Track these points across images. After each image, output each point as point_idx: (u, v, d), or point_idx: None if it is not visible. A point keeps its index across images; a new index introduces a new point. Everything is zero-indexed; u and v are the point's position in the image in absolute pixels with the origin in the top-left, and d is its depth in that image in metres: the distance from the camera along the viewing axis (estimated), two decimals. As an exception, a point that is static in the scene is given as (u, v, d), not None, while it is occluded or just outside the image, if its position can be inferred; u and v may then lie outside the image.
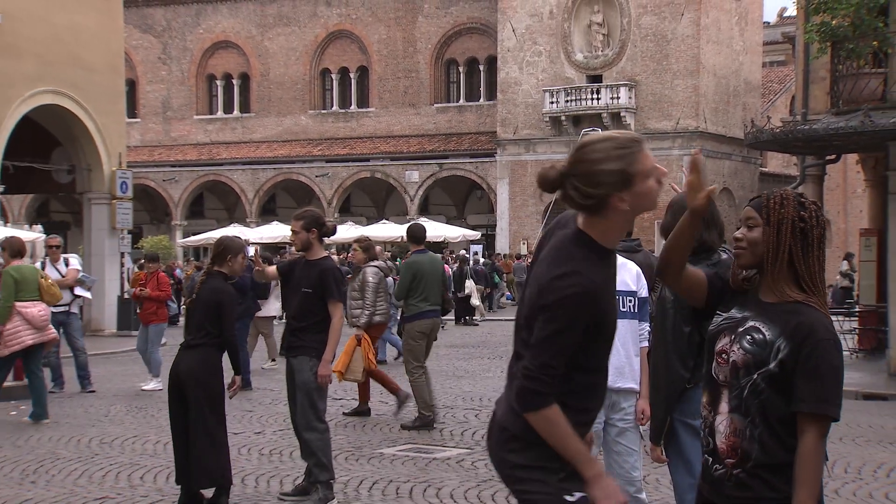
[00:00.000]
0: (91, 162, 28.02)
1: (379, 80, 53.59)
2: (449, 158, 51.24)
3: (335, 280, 8.55)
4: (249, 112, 56.11)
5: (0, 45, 24.71)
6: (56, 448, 10.95)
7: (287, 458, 10.02)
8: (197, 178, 55.23)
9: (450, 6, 52.08)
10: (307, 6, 54.40)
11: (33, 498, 8.66)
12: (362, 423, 12.38)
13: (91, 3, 27.49)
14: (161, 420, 12.75)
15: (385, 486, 9.02)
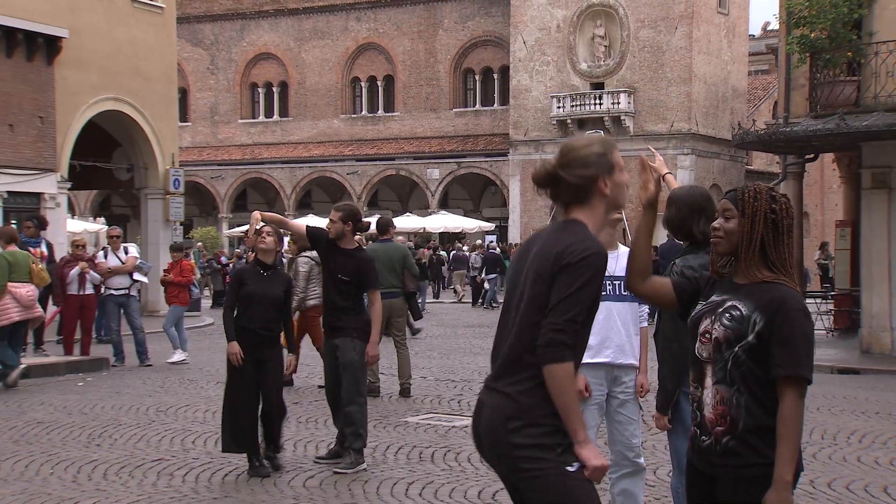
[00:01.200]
0: (147, 161, 28.14)
1: (403, 87, 53.58)
2: (466, 157, 51.23)
3: (371, 271, 8.63)
4: (288, 116, 56.16)
5: (68, 58, 24.83)
6: (118, 416, 11.02)
7: (322, 426, 10.06)
8: (241, 175, 55.38)
9: (467, 21, 52.01)
10: (339, 21, 54.40)
11: (98, 459, 8.72)
12: (389, 395, 12.42)
13: (148, 19, 27.57)
14: (209, 391, 12.86)
15: (409, 451, 9.06)
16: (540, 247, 3.71)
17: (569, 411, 3.51)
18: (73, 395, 12.67)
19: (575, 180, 3.68)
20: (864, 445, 9.47)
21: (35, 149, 24.40)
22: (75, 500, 7.33)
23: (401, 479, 7.97)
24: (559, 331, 3.49)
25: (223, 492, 7.63)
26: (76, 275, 15.43)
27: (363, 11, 53.88)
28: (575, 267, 3.53)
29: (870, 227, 17.92)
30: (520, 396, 3.56)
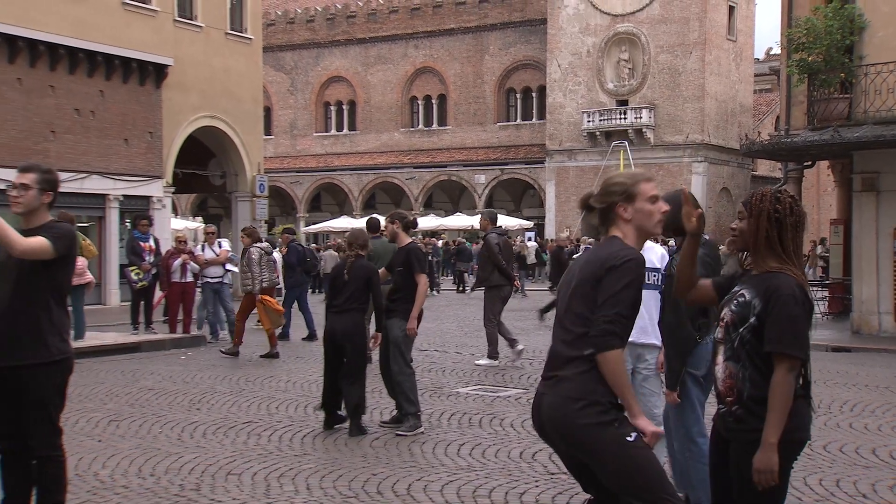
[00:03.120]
0: (237, 169, 28.39)
1: (454, 104, 53.56)
2: (508, 165, 51.15)
3: (417, 258, 8.74)
4: (355, 130, 56.36)
5: (173, 83, 25.12)
6: (214, 384, 11.14)
7: (385, 396, 10.08)
8: (315, 180, 55.68)
9: (509, 47, 51.87)
10: (400, 49, 54.47)
11: (198, 421, 8.83)
12: (441, 369, 12.44)
13: (239, 50, 27.80)
14: (289, 364, 12.97)
15: (460, 418, 9.08)
16: (586, 259, 3.83)
17: (623, 389, 3.59)
18: (176, 366, 12.84)
19: (597, 205, 3.83)
20: (855, 414, 9.38)
21: (145, 159, 24.73)
22: (179, 455, 7.43)
23: (453, 441, 8.01)
24: (609, 322, 3.57)
25: (302, 450, 7.69)
26: (179, 265, 15.60)
27: (420, 40, 53.92)
28: (619, 269, 3.62)
29: (860, 224, 17.90)
30: (578, 380, 3.61)
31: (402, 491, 6.42)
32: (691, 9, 45.55)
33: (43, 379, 4.90)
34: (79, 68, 22.92)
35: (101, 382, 10.80)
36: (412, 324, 8.62)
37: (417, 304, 8.65)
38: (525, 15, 51.25)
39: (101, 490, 6.41)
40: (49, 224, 4.97)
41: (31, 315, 4.86)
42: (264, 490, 6.42)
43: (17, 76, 21.66)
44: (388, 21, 54.61)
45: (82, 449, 7.55)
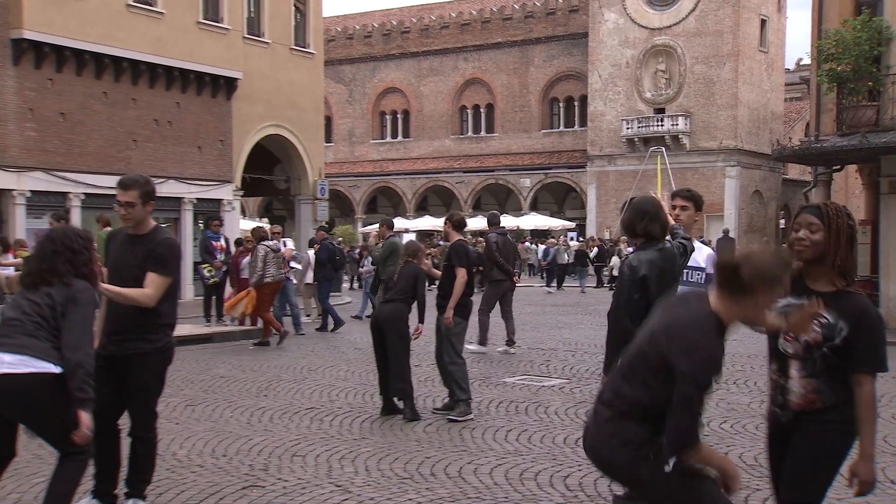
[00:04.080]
0: (300, 174, 28.58)
1: (501, 113, 53.46)
2: (552, 169, 50.91)
3: (457, 253, 8.83)
4: (409, 137, 56.49)
5: (242, 95, 25.37)
6: (279, 373, 11.25)
7: (437, 384, 10.12)
8: (372, 184, 55.90)
9: (553, 59, 51.66)
10: (450, 61, 54.50)
11: (265, 406, 8.93)
12: (490, 360, 12.46)
13: (302, 64, 28.00)
14: (349, 355, 13.05)
15: (507, 405, 9.09)
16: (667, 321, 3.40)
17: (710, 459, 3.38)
18: (245, 356, 12.99)
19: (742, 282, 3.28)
20: (883, 404, 9.21)
21: (216, 165, 25.01)
22: (249, 437, 7.51)
23: (501, 427, 8.02)
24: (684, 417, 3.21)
25: (361, 434, 7.75)
26: (247, 263, 15.76)
27: (469, 53, 53.90)
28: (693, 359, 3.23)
29: (887, 224, 17.70)
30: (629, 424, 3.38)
31: (453, 473, 6.44)
32: (725, 22, 45.04)
33: (146, 365, 5.14)
34: (158, 82, 23.24)
35: (178, 370, 10.91)
36: (448, 314, 8.67)
37: (455, 295, 8.68)
38: (568, 29, 51.03)
39: (179, 468, 6.52)
40: (154, 232, 5.26)
41: (141, 311, 5.11)
42: (326, 471, 6.48)
43: (104, 90, 22.02)
44: (440, 36, 54.68)
45: (162, 431, 7.57)
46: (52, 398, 4.32)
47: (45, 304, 4.42)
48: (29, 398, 4.29)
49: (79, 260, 4.55)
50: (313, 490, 5.96)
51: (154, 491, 5.70)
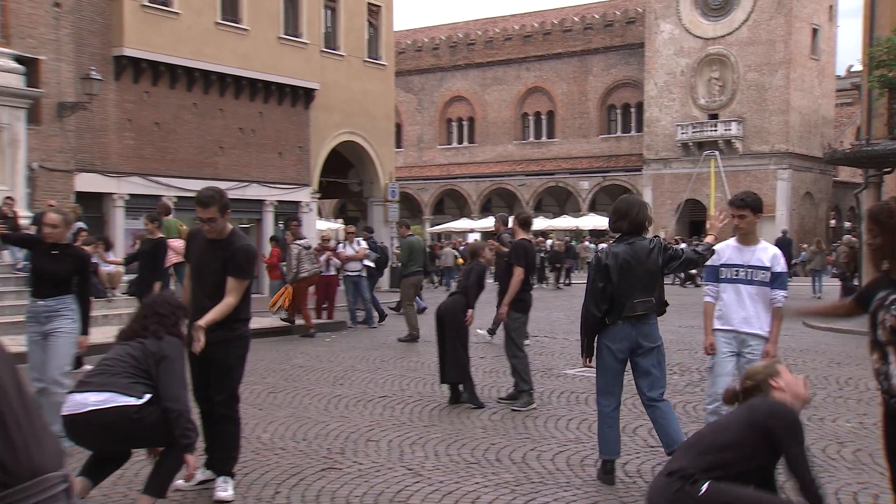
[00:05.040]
0: (372, 177, 28.81)
1: (561, 119, 53.16)
2: (609, 172, 50.49)
3: (516, 252, 8.73)
4: (474, 143, 56.47)
5: (319, 104, 25.68)
6: (354, 363, 11.32)
7: (501, 375, 10.14)
8: (439, 187, 56.02)
9: (611, 68, 51.19)
10: (513, 71, 54.36)
11: (341, 394, 9.00)
12: (551, 352, 12.39)
13: (375, 75, 28.21)
14: (419, 347, 13.08)
15: (568, 396, 9.04)
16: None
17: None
18: (322, 347, 13.09)
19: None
20: None
21: (296, 169, 25.35)
22: (326, 423, 7.58)
23: (562, 417, 7.98)
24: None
25: (431, 421, 7.78)
26: (324, 260, 15.90)
27: (531, 63, 53.69)
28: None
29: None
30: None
31: (517, 459, 6.44)
32: (777, 32, 44.16)
33: (228, 351, 5.34)
34: (243, 94, 23.63)
35: (261, 360, 11.09)
36: (503, 309, 8.62)
37: (510, 292, 8.60)
38: (625, 40, 50.54)
39: (263, 451, 6.62)
40: (231, 237, 5.45)
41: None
42: (398, 455, 6.52)
43: (194, 101, 22.48)
44: (504, 47, 54.57)
45: (246, 416, 7.76)
46: (136, 426, 4.50)
47: (136, 349, 4.67)
48: (114, 430, 4.50)
49: (167, 322, 4.79)
50: (386, 473, 6.01)
51: (241, 471, 5.82)
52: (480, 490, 5.61)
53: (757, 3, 44.66)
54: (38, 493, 1.62)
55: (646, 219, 5.74)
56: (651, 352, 5.72)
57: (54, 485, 1.67)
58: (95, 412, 4.42)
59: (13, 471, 1.61)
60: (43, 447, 1.67)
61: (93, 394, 4.48)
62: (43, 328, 6.53)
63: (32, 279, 6.67)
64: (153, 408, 4.50)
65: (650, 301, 5.64)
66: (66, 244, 6.69)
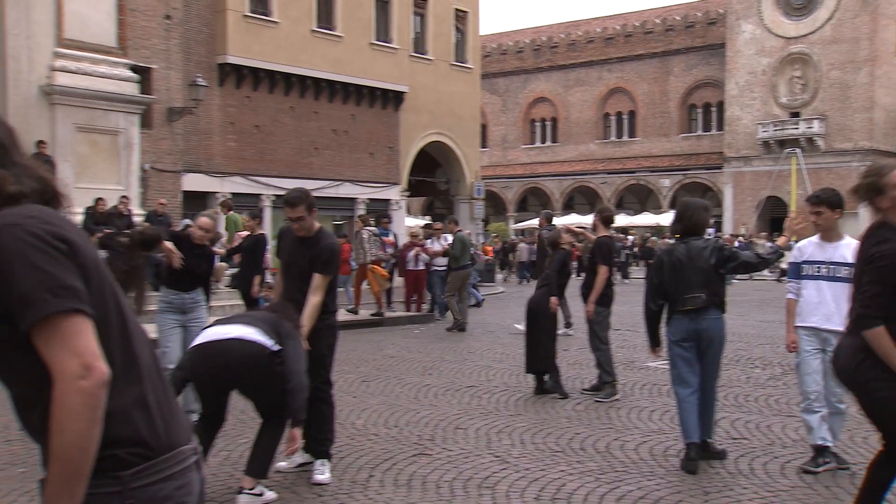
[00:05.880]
0: (459, 176, 28.87)
1: (643, 119, 52.35)
2: (690, 170, 49.53)
3: (600, 250, 8.62)
4: (557, 142, 56.09)
5: (408, 106, 25.86)
6: (442, 354, 11.36)
7: (585, 367, 10.04)
8: (522, 185, 55.83)
9: (692, 69, 50.17)
10: (595, 72, 53.77)
11: (430, 384, 9.04)
12: (633, 345, 12.21)
13: (461, 78, 28.26)
14: (504, 339, 13.04)
15: (650, 388, 8.89)
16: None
17: (887, 359, 3.51)
18: (412, 339, 13.18)
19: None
20: None
21: (386, 169, 25.59)
22: (416, 411, 7.63)
23: (645, 408, 7.86)
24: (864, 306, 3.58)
25: (517, 410, 7.75)
26: (413, 256, 16.02)
27: (613, 64, 53.03)
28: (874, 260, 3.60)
29: None
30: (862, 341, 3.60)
31: (601, 448, 6.37)
32: (862, 30, 42.56)
33: (319, 339, 5.44)
34: (336, 97, 23.97)
35: (353, 350, 11.23)
36: (589, 307, 8.51)
37: (595, 291, 8.50)
38: (706, 40, 49.46)
39: (357, 436, 6.71)
40: (319, 235, 5.56)
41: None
42: (486, 443, 6.52)
43: (290, 105, 22.91)
44: (586, 49, 54.02)
45: (341, 403, 7.88)
46: (268, 369, 4.66)
47: (272, 317, 4.92)
48: (251, 363, 4.65)
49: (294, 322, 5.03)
50: (475, 459, 6.01)
51: (336, 455, 5.90)
52: (566, 477, 5.57)
53: (841, 2, 43.16)
54: (173, 465, 1.69)
55: (700, 221, 5.88)
56: (708, 345, 5.81)
57: (187, 457, 1.74)
58: (237, 341, 4.61)
59: (153, 445, 1.67)
60: (177, 422, 1.74)
61: (238, 326, 4.70)
62: (185, 318, 6.96)
63: (175, 274, 6.91)
64: (279, 362, 4.66)
65: (700, 297, 5.73)
66: (204, 245, 7.05)
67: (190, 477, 1.74)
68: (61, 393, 1.53)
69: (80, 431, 1.53)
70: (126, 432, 1.62)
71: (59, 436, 1.53)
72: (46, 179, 1.72)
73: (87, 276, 1.61)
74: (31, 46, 14.73)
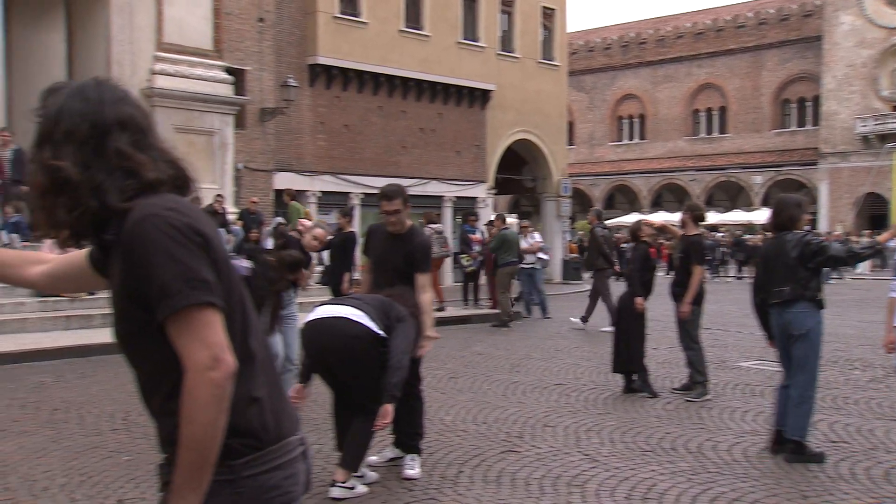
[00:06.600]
0: (545, 174, 28.69)
1: (734, 115, 51.02)
2: (783, 167, 48.06)
3: (695, 250, 8.38)
4: (645, 139, 55.17)
5: (495, 104, 25.83)
6: (529, 352, 11.33)
7: (674, 366, 9.86)
8: (609, 183, 55.10)
9: (786, 63, 48.63)
10: (685, 68, 52.67)
11: (518, 381, 8.99)
12: (724, 345, 11.93)
13: (548, 75, 28.07)
14: (592, 337, 12.92)
15: (742, 388, 8.69)
16: None
17: None
18: (499, 336, 13.19)
19: None
20: None
21: (473, 167, 25.62)
22: (504, 408, 7.60)
23: (737, 408, 7.67)
24: None
25: (605, 409, 7.67)
26: (500, 253, 15.99)
27: (703, 60, 51.85)
28: None
29: None
30: None
31: (693, 448, 6.24)
32: (969, 17, 40.54)
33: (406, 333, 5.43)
34: (423, 96, 24.12)
35: (442, 347, 11.27)
36: (684, 308, 8.30)
37: (690, 292, 8.28)
38: (802, 33, 47.87)
39: (446, 432, 6.74)
40: (412, 232, 5.67)
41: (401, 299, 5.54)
42: (575, 441, 6.47)
43: (379, 104, 23.17)
44: (675, 45, 52.99)
45: (430, 399, 7.91)
46: (369, 352, 4.82)
47: (388, 301, 5.08)
48: (352, 344, 4.81)
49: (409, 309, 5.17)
50: (563, 457, 5.97)
51: (426, 451, 5.94)
52: (657, 477, 5.47)
53: (947, -11, 41.18)
54: (282, 456, 1.73)
55: (793, 217, 5.96)
56: (797, 339, 5.81)
57: (294, 447, 1.77)
58: (344, 320, 4.83)
59: (263, 436, 1.71)
60: (286, 414, 1.78)
61: (348, 307, 4.92)
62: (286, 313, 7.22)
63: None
64: (380, 346, 4.83)
65: (784, 290, 5.79)
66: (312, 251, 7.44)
67: (297, 467, 1.78)
68: (191, 383, 1.59)
69: (209, 421, 1.58)
70: (239, 423, 1.67)
71: (188, 425, 1.59)
72: (180, 164, 1.78)
73: (217, 269, 1.66)
74: (133, 51, 15.29)
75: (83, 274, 1.96)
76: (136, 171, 1.68)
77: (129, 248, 1.62)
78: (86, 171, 1.66)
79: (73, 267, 1.99)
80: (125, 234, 1.63)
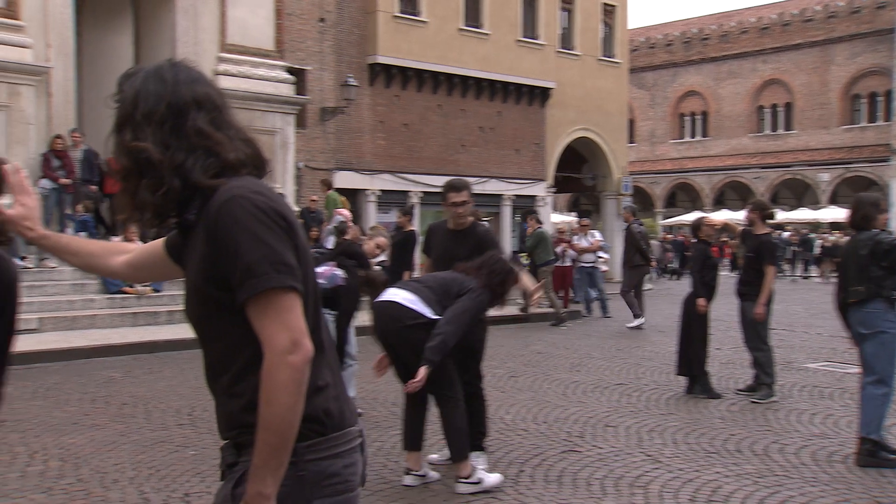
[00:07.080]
0: (605, 172, 28.42)
1: (800, 111, 49.84)
2: (852, 164, 46.80)
3: (768, 250, 8.18)
4: (707, 136, 54.26)
5: (554, 102, 25.68)
6: (589, 351, 11.23)
7: (738, 367, 9.69)
8: (671, 181, 54.35)
9: (856, 57, 47.33)
10: (749, 64, 51.64)
11: (578, 381, 8.94)
12: (790, 345, 11.67)
13: (609, 73, 27.80)
14: (653, 337, 12.76)
15: (810, 390, 8.49)
16: None
17: None
18: (558, 335, 13.12)
19: None
20: None
21: (532, 165, 25.51)
22: (565, 407, 7.58)
23: (805, 411, 7.50)
24: None
25: (668, 410, 7.57)
26: (560, 251, 15.94)
27: (768, 55, 50.77)
28: None
29: None
30: None
31: (759, 450, 6.12)
32: None
33: (472, 333, 5.49)
34: (483, 94, 24.09)
35: (501, 346, 11.26)
36: (759, 309, 8.11)
37: (764, 293, 8.07)
38: (874, 26, 46.49)
39: (506, 431, 6.72)
40: (475, 226, 5.76)
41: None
42: (637, 441, 6.39)
43: (438, 103, 23.21)
44: (739, 40, 51.99)
45: (490, 397, 7.85)
46: (417, 333, 4.93)
47: (456, 277, 5.16)
48: (408, 328, 4.94)
49: (492, 280, 5.17)
50: (625, 458, 5.91)
51: (487, 449, 5.92)
52: (721, 480, 5.38)
53: None
54: (343, 444, 1.76)
55: (867, 215, 5.92)
56: (866, 337, 5.77)
57: (354, 438, 1.80)
58: (397, 305, 4.98)
59: (327, 422, 1.74)
60: (348, 404, 1.80)
61: (405, 291, 5.08)
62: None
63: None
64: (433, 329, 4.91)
65: (859, 290, 5.78)
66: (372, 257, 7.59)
67: (355, 458, 1.80)
68: (271, 365, 1.61)
69: (288, 404, 1.60)
70: (307, 408, 1.68)
71: (267, 407, 1.61)
72: (255, 143, 1.81)
73: (298, 255, 1.68)
74: (198, 52, 15.56)
75: (161, 262, 2.01)
76: (217, 151, 1.72)
77: (215, 228, 1.65)
78: (166, 151, 1.69)
79: (151, 256, 2.04)
80: (211, 215, 1.66)
